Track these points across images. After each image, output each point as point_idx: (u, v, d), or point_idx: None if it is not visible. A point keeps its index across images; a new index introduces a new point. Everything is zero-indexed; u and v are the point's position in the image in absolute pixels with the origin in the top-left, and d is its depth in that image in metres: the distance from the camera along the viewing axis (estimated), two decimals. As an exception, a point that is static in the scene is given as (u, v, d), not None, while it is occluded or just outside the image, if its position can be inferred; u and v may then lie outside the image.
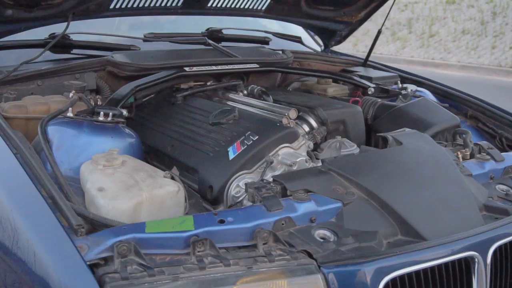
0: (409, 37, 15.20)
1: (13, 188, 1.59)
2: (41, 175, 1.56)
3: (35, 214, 1.47)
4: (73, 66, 2.45)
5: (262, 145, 1.86)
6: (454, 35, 14.54)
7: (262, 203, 1.53)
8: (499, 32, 13.95)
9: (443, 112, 2.38)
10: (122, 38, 2.85)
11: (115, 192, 1.59)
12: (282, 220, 1.50)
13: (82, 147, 1.83)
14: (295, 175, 1.69)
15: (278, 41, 3.24)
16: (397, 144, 1.90)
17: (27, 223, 1.44)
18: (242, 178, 1.82)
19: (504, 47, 13.17)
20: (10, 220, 1.46)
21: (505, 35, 13.75)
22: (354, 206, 1.61)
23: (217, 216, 1.46)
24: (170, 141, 2.13)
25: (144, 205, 1.59)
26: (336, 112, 2.18)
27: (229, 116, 2.05)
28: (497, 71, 12.14)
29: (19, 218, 1.47)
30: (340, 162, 1.74)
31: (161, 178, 1.70)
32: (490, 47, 13.39)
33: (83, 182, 1.70)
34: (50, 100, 2.18)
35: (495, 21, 14.51)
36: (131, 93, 2.23)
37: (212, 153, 1.91)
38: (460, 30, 14.61)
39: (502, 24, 14.26)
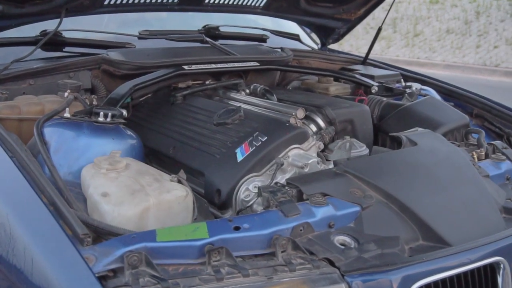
0: (394, 37, 15.22)
1: (9, 194, 1.49)
2: (40, 180, 1.46)
3: (35, 222, 1.37)
4: (67, 64, 2.34)
5: (272, 146, 1.78)
6: (439, 34, 14.59)
7: (279, 208, 1.44)
8: (483, 31, 14.04)
9: (451, 111, 2.32)
10: (115, 35, 2.73)
11: (120, 197, 1.49)
12: (300, 226, 1.42)
13: (82, 149, 1.72)
14: (310, 178, 1.61)
15: (276, 39, 3.16)
16: (412, 144, 1.83)
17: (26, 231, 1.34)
18: (251, 181, 1.73)
19: (489, 46, 13.24)
20: (5, 226, 1.36)
21: (489, 35, 13.83)
22: (373, 210, 1.53)
23: (232, 223, 1.38)
24: (172, 142, 2.04)
25: (151, 211, 1.50)
26: (344, 111, 2.11)
27: (235, 116, 1.96)
28: (482, 70, 12.20)
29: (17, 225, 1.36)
30: (356, 163, 1.66)
31: (168, 182, 1.60)
32: (475, 46, 13.46)
33: (84, 187, 1.59)
34: (44, 100, 2.07)
35: (478, 20, 14.60)
36: (129, 92, 2.13)
37: (219, 155, 1.82)
38: (445, 29, 14.66)
39: (486, 23, 14.35)
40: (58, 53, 2.57)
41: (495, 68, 12.14)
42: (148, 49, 2.61)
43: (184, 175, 1.65)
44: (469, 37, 14.04)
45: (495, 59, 12.54)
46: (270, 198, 1.48)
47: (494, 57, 12.63)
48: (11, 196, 1.48)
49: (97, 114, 1.90)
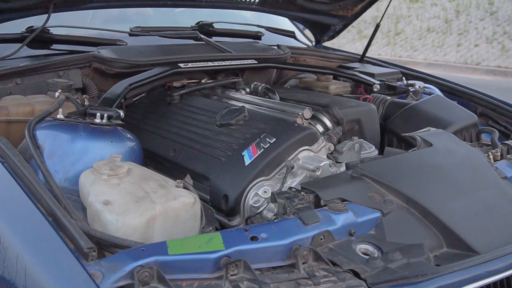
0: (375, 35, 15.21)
1: (2, 203, 1.36)
2: (36, 188, 1.33)
3: (33, 234, 1.25)
4: (56, 62, 2.21)
5: (281, 149, 1.68)
6: (420, 33, 14.65)
7: (297, 216, 1.34)
8: (463, 30, 14.12)
9: (459, 110, 2.24)
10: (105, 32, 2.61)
11: (124, 205, 1.37)
12: (321, 235, 1.32)
13: (79, 153, 1.60)
14: (326, 182, 1.51)
15: (271, 36, 3.05)
16: (426, 145, 1.74)
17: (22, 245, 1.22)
18: (260, 185, 1.63)
19: (469, 45, 13.33)
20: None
21: (469, 33, 13.92)
22: (394, 215, 1.44)
23: (248, 233, 1.27)
24: (171, 144, 1.93)
25: (157, 220, 1.38)
26: (352, 111, 2.02)
27: (239, 117, 1.85)
28: (463, 69, 12.26)
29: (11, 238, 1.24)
30: (373, 166, 1.57)
31: (174, 188, 1.49)
32: (455, 45, 13.54)
33: (83, 195, 1.47)
34: (34, 101, 1.94)
35: (458, 19, 14.69)
36: (125, 91, 2.01)
37: (225, 158, 1.71)
38: (425, 28, 14.72)
39: (466, 22, 14.44)
40: (46, 50, 2.44)
41: (476, 66, 12.22)
42: (140, 47, 2.49)
43: (191, 181, 1.54)
44: (450, 35, 14.11)
45: (476, 57, 12.62)
46: (287, 204, 1.37)
47: (475, 56, 12.71)
48: (3, 205, 1.35)
49: (93, 115, 1.78)
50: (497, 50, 12.71)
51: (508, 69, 11.74)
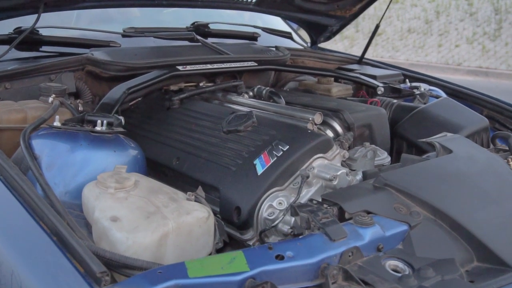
0: (356, 36, 15.24)
1: (0, 222, 1.24)
2: (38, 203, 1.22)
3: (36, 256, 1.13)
4: (47, 65, 2.08)
5: (295, 157, 1.58)
6: (401, 33, 14.69)
7: (322, 231, 1.25)
8: (444, 30, 14.20)
9: (470, 113, 2.17)
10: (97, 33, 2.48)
11: (134, 222, 1.26)
12: (349, 251, 1.22)
13: (79, 164, 1.48)
14: (349, 193, 1.42)
15: (267, 37, 2.95)
16: (446, 152, 1.66)
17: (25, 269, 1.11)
18: (274, 196, 1.53)
19: (450, 46, 13.40)
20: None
21: (450, 34, 14.01)
22: (421, 228, 1.35)
23: (273, 251, 1.17)
24: (174, 152, 1.81)
25: (170, 236, 1.28)
26: (362, 115, 1.93)
27: (248, 123, 1.75)
28: (445, 69, 12.31)
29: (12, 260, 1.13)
30: (395, 176, 1.48)
31: (185, 201, 1.38)
32: (436, 45, 13.60)
33: (87, 210, 1.36)
34: (26, 107, 1.81)
35: (439, 20, 14.77)
36: (123, 96, 1.89)
37: (235, 167, 1.61)
38: (406, 28, 14.77)
39: (446, 22, 14.53)
40: (35, 52, 2.31)
41: (458, 67, 12.28)
42: (135, 48, 2.38)
43: (203, 193, 1.44)
44: (431, 36, 14.18)
45: (457, 58, 12.69)
46: (311, 219, 1.28)
47: (456, 56, 12.78)
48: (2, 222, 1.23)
49: (91, 122, 1.67)
50: (477, 51, 12.80)
51: (489, 69, 11.82)
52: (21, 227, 1.20)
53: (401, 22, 15.11)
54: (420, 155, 1.97)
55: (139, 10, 3.26)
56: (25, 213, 1.23)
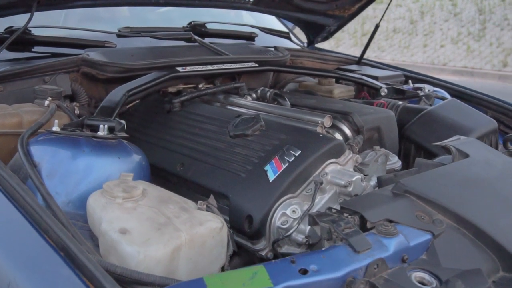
0: (342, 36, 15.23)
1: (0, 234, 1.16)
2: (41, 216, 1.13)
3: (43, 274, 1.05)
4: (41, 66, 1.99)
5: (308, 162, 1.51)
6: (386, 33, 14.73)
7: (345, 242, 1.18)
8: (429, 30, 14.27)
9: (478, 115, 2.12)
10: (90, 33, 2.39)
11: (144, 234, 1.19)
12: (374, 263, 1.15)
13: (82, 172, 1.39)
14: (369, 201, 1.35)
15: (265, 37, 2.88)
16: (462, 156, 1.60)
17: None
18: (288, 204, 1.46)
19: (435, 46, 13.46)
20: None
21: (435, 34, 14.08)
22: (445, 237, 1.29)
23: (296, 265, 1.10)
24: (178, 158, 1.73)
25: (182, 249, 1.20)
26: (371, 118, 1.87)
27: (256, 126, 1.67)
28: (430, 69, 12.34)
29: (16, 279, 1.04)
30: (415, 182, 1.41)
31: (197, 211, 1.31)
32: (422, 46, 13.66)
33: (93, 221, 1.27)
34: (21, 110, 1.72)
35: (423, 20, 14.83)
36: (123, 99, 1.81)
37: (245, 173, 1.54)
38: (391, 29, 14.82)
39: (431, 23, 14.60)
40: (27, 53, 2.21)
41: (443, 67, 12.34)
42: (131, 49, 2.29)
43: (214, 201, 1.36)
44: (416, 36, 14.23)
45: (443, 58, 12.75)
46: (332, 229, 1.21)
47: (441, 56, 12.84)
48: (3, 237, 1.15)
49: (91, 126, 1.58)
50: (462, 51, 12.88)
51: (474, 69, 11.89)
52: (24, 241, 1.12)
53: (387, 22, 15.14)
54: (430, 159, 1.92)
55: (128, 10, 3.18)
56: (28, 226, 1.14)
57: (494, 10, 14.07)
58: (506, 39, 12.80)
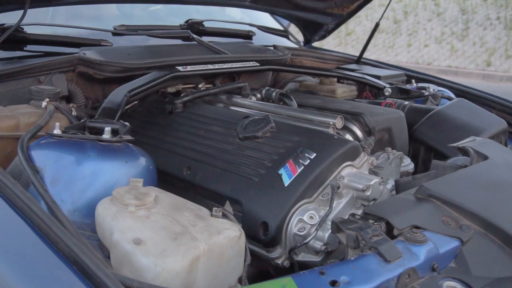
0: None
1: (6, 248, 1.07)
2: (50, 226, 1.05)
3: None
4: (36, 66, 1.89)
5: (324, 165, 1.44)
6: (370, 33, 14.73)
7: (375, 251, 1.11)
8: (412, 30, 14.32)
9: (487, 115, 2.07)
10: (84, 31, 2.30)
11: (160, 244, 1.11)
12: (406, 273, 1.09)
13: (89, 178, 1.31)
14: (394, 206, 1.29)
15: (261, 35, 2.81)
16: (481, 158, 1.55)
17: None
18: (304, 209, 1.39)
19: (419, 45, 13.52)
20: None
21: (418, 34, 14.13)
22: (474, 244, 1.23)
23: (326, 276, 1.04)
24: (184, 161, 1.66)
25: (201, 260, 1.13)
26: (382, 118, 1.81)
27: (266, 128, 1.60)
28: (415, 69, 12.28)
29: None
30: (438, 185, 1.35)
31: (213, 219, 1.23)
32: (406, 45, 13.70)
33: (102, 231, 1.19)
34: (17, 112, 1.63)
35: (407, 19, 14.89)
36: (125, 100, 1.73)
37: (257, 178, 1.46)
38: (376, 28, 14.82)
39: (414, 22, 14.66)
40: (19, 52, 2.11)
41: (428, 66, 12.37)
42: (128, 48, 2.21)
43: (230, 208, 1.29)
44: (400, 36, 14.27)
45: (427, 57, 12.80)
46: (360, 237, 1.14)
47: (425, 56, 12.89)
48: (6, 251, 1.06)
49: (93, 129, 1.50)
50: (446, 50, 12.94)
51: (458, 68, 11.95)
52: (32, 255, 1.03)
53: (370, 22, 15.17)
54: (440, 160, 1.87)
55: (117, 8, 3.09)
56: (36, 238, 1.06)
57: (477, 10, 14.17)
58: (489, 38, 12.90)
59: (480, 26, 13.48)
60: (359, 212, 1.45)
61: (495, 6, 14.13)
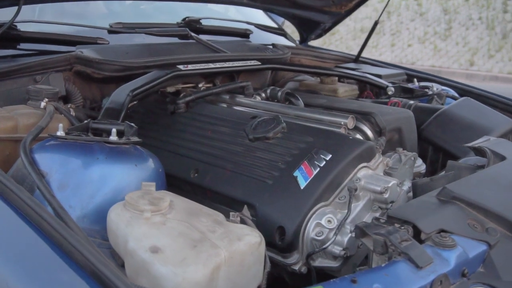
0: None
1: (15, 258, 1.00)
2: (65, 235, 0.98)
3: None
4: (32, 65, 1.81)
5: (341, 166, 1.39)
6: (354, 33, 14.78)
7: (406, 257, 1.06)
8: (396, 30, 14.38)
9: (495, 114, 2.04)
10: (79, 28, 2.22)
11: (179, 253, 1.04)
12: (438, 280, 1.05)
13: (98, 182, 1.24)
14: (418, 209, 1.24)
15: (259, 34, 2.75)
16: (498, 158, 1.51)
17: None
18: (322, 213, 1.34)
19: (403, 45, 13.57)
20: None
21: (402, 33, 14.19)
22: (501, 247, 1.19)
23: (358, 285, 0.98)
24: (191, 163, 1.59)
25: (222, 268, 1.07)
26: (392, 118, 1.76)
27: (277, 129, 1.54)
28: (399, 68, 12.41)
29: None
30: (461, 187, 1.31)
31: (232, 224, 1.17)
32: (389, 45, 13.75)
33: (115, 238, 1.12)
34: (15, 113, 1.55)
35: (390, 19, 14.94)
36: (128, 99, 1.66)
37: (271, 180, 1.41)
38: (359, 28, 14.87)
39: (397, 22, 14.72)
40: (12, 50, 2.02)
41: (412, 66, 12.37)
42: (125, 46, 2.13)
43: (248, 212, 1.23)
44: (383, 36, 14.32)
45: (411, 57, 12.86)
46: (388, 242, 1.09)
47: (409, 55, 12.95)
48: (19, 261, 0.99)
49: (97, 130, 1.43)
50: (429, 50, 13.01)
51: (442, 68, 12.02)
52: (46, 267, 0.96)
53: (354, 22, 15.20)
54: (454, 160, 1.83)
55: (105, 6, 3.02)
56: (48, 248, 0.99)
57: (459, 10, 14.28)
58: (472, 38, 13.00)
59: (463, 26, 13.58)
60: (376, 215, 1.40)
61: (476, 6, 14.24)
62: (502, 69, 11.51)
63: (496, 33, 12.90)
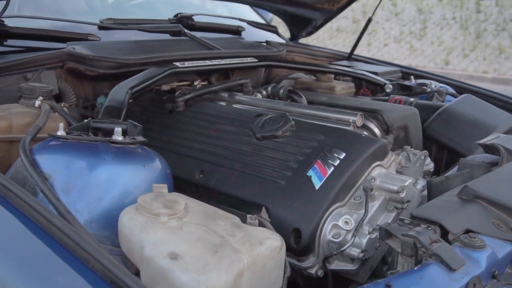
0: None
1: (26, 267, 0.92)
2: (79, 243, 0.91)
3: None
4: (22, 62, 1.73)
5: (356, 165, 1.34)
6: (330, 32, 14.81)
7: (438, 259, 1.02)
8: (371, 30, 14.44)
9: (497, 111, 2.02)
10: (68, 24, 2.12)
11: (200, 259, 0.98)
12: (472, 283, 1.00)
13: (105, 184, 1.16)
14: (443, 208, 1.19)
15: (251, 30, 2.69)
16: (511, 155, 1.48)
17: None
18: (338, 214, 1.29)
19: (379, 44, 13.66)
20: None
21: (377, 33, 14.28)
22: (527, 247, 1.15)
23: (393, 290, 0.93)
24: (195, 164, 1.53)
25: (245, 274, 1.01)
26: (399, 116, 1.72)
27: (286, 127, 1.48)
28: (376, 68, 12.47)
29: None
30: (482, 185, 1.27)
31: (251, 227, 1.11)
32: (366, 45, 13.80)
33: (129, 244, 1.05)
34: (9, 113, 1.46)
35: (366, 19, 15.00)
36: (127, 97, 1.58)
37: (284, 180, 1.35)
38: (335, 28, 14.91)
39: (373, 22, 14.72)
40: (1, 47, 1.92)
41: (389, 65, 12.49)
42: (117, 42, 2.05)
43: (266, 215, 1.17)
44: (359, 35, 14.37)
45: (387, 56, 12.92)
46: (420, 244, 1.04)
47: (386, 55, 13.02)
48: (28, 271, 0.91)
49: (98, 130, 1.35)
50: (405, 50, 13.12)
51: (418, 67, 12.09)
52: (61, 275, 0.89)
53: (330, 21, 15.22)
54: (454, 158, 1.81)
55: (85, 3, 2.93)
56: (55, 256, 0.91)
57: (433, 10, 14.43)
58: (446, 38, 13.14)
59: (437, 25, 13.72)
60: (392, 215, 1.36)
61: (450, 6, 14.41)
62: (477, 68, 11.66)
63: (470, 33, 13.06)
